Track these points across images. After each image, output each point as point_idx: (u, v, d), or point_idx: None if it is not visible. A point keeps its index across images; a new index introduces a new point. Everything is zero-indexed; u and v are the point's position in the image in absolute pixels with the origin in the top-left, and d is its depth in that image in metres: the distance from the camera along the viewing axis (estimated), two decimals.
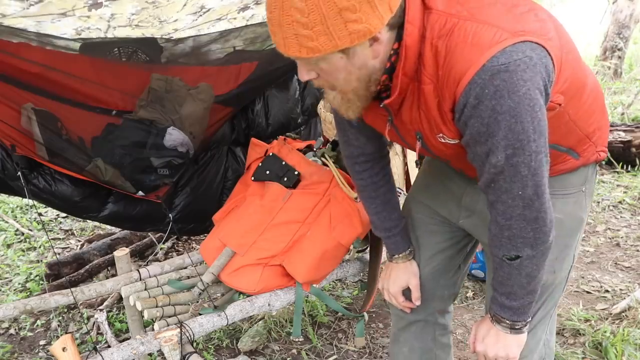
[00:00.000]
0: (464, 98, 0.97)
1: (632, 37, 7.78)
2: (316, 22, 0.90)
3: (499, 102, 0.94)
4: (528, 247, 1.09)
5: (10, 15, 1.35)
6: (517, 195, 1.04)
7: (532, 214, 1.05)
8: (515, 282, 1.14)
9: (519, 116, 0.95)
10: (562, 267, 1.29)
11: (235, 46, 2.12)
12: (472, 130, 1.01)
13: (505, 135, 0.97)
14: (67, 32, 1.61)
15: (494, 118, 0.96)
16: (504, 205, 1.07)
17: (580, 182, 1.26)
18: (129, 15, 1.55)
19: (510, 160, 1.00)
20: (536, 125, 0.97)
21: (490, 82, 0.93)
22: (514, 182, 1.02)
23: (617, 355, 2.17)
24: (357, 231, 1.82)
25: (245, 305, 1.74)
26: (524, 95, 0.94)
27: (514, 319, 1.19)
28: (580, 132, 1.18)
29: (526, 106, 0.95)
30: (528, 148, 0.98)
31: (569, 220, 1.25)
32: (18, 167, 1.90)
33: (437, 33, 0.99)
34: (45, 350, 2.42)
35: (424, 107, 1.08)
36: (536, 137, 0.98)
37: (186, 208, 2.38)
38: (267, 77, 2.45)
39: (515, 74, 0.93)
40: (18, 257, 3.22)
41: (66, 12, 1.42)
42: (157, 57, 2.04)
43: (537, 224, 1.06)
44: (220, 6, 1.71)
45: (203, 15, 1.73)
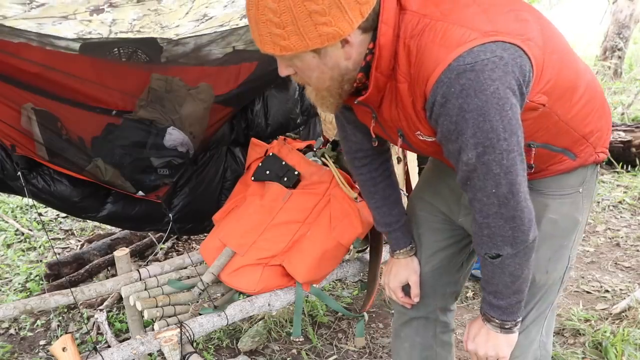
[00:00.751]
0: (432, 97, 0.99)
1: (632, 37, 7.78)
2: (287, 23, 0.94)
3: (465, 101, 0.96)
4: (508, 245, 1.09)
5: (11, 17, 1.35)
6: (492, 194, 1.04)
7: (509, 212, 1.05)
8: (500, 281, 1.15)
9: (486, 114, 0.96)
10: (556, 267, 1.29)
11: (234, 46, 2.13)
12: (443, 129, 1.03)
13: (474, 134, 0.99)
14: (68, 35, 1.61)
15: (461, 116, 0.98)
16: (480, 203, 1.08)
17: (577, 183, 1.25)
18: (130, 20, 1.56)
19: (482, 158, 1.01)
20: (506, 124, 0.98)
21: (456, 81, 0.95)
22: (487, 180, 1.03)
23: (617, 355, 2.17)
24: (357, 231, 1.82)
25: (245, 305, 1.74)
26: (492, 94, 0.95)
27: (503, 319, 1.20)
28: (575, 133, 1.17)
29: (494, 105, 0.95)
30: (499, 146, 0.99)
31: (563, 221, 1.25)
32: (18, 167, 1.90)
33: (410, 33, 1.01)
34: (45, 350, 2.42)
35: (400, 105, 1.10)
36: (507, 136, 0.99)
37: (185, 208, 2.38)
38: (266, 77, 2.45)
39: (482, 73, 0.94)
40: (18, 257, 3.22)
41: (67, 16, 1.42)
42: (157, 57, 2.05)
43: (515, 223, 1.06)
44: (222, 14, 1.71)
45: (205, 22, 1.73)
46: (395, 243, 1.51)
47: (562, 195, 1.24)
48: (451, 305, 1.63)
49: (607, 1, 7.93)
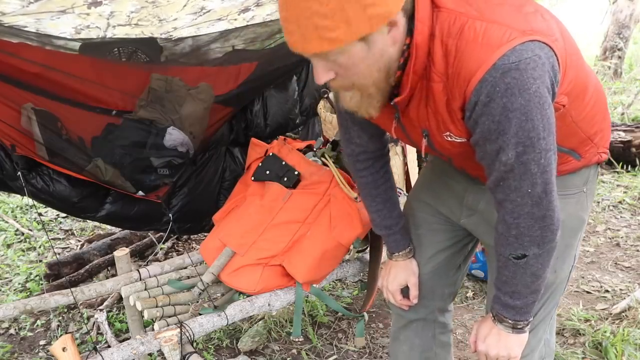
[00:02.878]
0: (475, 96, 0.98)
1: (632, 37, 7.78)
2: (335, 10, 0.90)
3: (510, 100, 0.95)
4: (535, 245, 1.09)
5: (9, 13, 1.35)
6: (527, 194, 1.04)
7: (541, 212, 1.05)
8: (520, 281, 1.14)
9: (529, 113, 0.96)
10: (563, 267, 1.30)
11: (234, 46, 2.13)
12: (483, 128, 1.01)
13: (516, 133, 0.98)
14: (66, 30, 1.61)
15: (505, 115, 0.97)
16: (513, 204, 1.07)
17: (581, 183, 1.26)
18: (128, 13, 1.55)
19: (521, 157, 1.01)
20: (545, 123, 0.99)
21: (501, 80, 0.95)
22: (523, 180, 1.03)
23: (617, 355, 2.17)
24: (357, 231, 1.82)
25: (245, 305, 1.74)
26: (534, 93, 0.95)
27: (517, 319, 1.19)
28: (582, 134, 1.18)
29: (536, 104, 0.96)
30: (538, 145, 0.99)
31: (570, 221, 1.25)
32: (17, 167, 1.90)
33: (447, 32, 1.00)
34: (45, 350, 2.42)
35: (432, 104, 1.08)
36: (545, 135, 0.99)
37: (184, 208, 2.38)
38: (266, 78, 2.45)
39: (525, 72, 0.94)
40: (18, 257, 3.22)
41: (65, 10, 1.42)
42: (157, 57, 2.05)
43: (545, 222, 1.07)
44: (220, 8, 1.71)
45: (203, 15, 1.73)
46: (394, 245, 1.51)
47: (567, 195, 1.24)
48: (449, 305, 1.63)
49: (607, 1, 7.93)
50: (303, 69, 2.71)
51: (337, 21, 0.91)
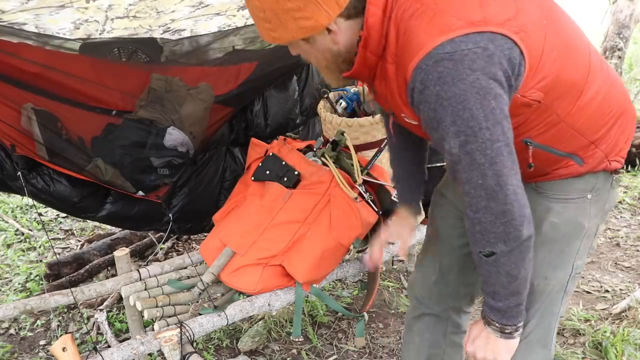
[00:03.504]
0: (412, 82, 1.01)
1: (632, 37, 7.77)
2: (271, 18, 1.03)
3: (443, 89, 0.96)
4: (501, 242, 1.06)
5: (9, 10, 1.35)
6: (479, 185, 1.02)
7: (499, 206, 1.02)
8: (497, 281, 1.12)
9: (465, 103, 0.96)
10: (555, 274, 1.25)
11: (234, 45, 2.13)
12: (424, 116, 1.03)
13: (453, 121, 0.98)
14: (65, 25, 1.61)
15: (439, 104, 0.98)
16: (469, 197, 1.06)
17: (585, 189, 1.22)
18: (126, 5, 1.56)
19: (465, 147, 1.00)
20: (488, 113, 0.96)
21: (434, 69, 0.96)
22: (472, 171, 1.02)
23: (617, 355, 2.17)
24: (357, 231, 1.82)
25: (245, 305, 1.74)
26: (472, 83, 0.94)
27: (503, 322, 1.16)
28: (582, 138, 1.15)
29: (474, 94, 0.95)
30: (481, 135, 0.98)
31: (565, 225, 1.23)
32: (17, 167, 1.90)
33: (401, 15, 1.02)
34: (45, 350, 2.42)
35: (388, 85, 1.13)
36: (489, 125, 0.97)
37: (184, 208, 2.38)
38: (266, 78, 2.45)
39: (460, 63, 0.94)
40: (18, 257, 3.22)
41: (64, 4, 1.42)
42: (157, 57, 2.05)
43: (505, 217, 1.03)
44: (219, 3, 1.71)
45: (201, 9, 1.73)
46: (399, 196, 1.56)
47: (567, 200, 1.22)
48: (465, 307, 1.62)
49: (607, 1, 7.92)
50: (303, 69, 2.71)
51: (275, 25, 1.05)
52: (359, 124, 1.96)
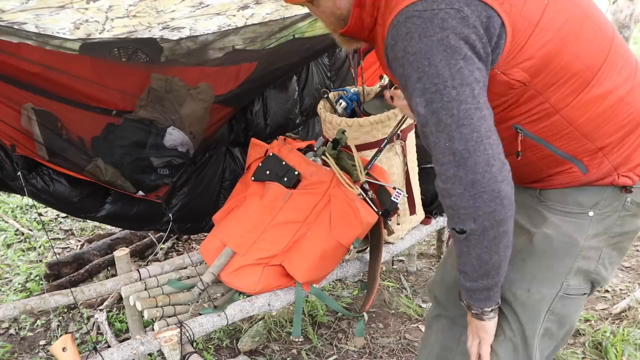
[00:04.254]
0: (386, 39, 1.03)
1: (632, 37, 7.78)
2: None
3: (409, 44, 0.96)
4: (470, 219, 0.99)
5: (9, 10, 1.35)
6: (446, 148, 0.97)
7: (468, 175, 0.96)
8: (467, 260, 1.07)
9: (431, 59, 0.94)
10: (539, 290, 1.17)
11: (234, 45, 2.13)
12: (396, 74, 1.03)
13: (419, 78, 0.97)
14: (65, 25, 1.61)
15: (406, 59, 0.97)
16: (438, 164, 1.01)
17: (587, 204, 1.13)
18: (126, 6, 1.56)
19: (430, 106, 0.97)
20: (455, 72, 0.94)
21: (403, 24, 0.97)
22: (439, 132, 0.97)
23: (617, 355, 2.17)
24: (357, 231, 1.82)
25: (245, 305, 1.74)
26: (439, 41, 0.94)
27: (470, 302, 1.15)
28: (586, 141, 1.08)
29: (441, 51, 0.94)
30: (447, 94, 0.95)
31: (558, 240, 1.16)
32: (17, 167, 1.90)
33: None
34: (45, 350, 2.42)
35: (378, 49, 1.17)
36: (456, 84, 0.94)
37: (183, 208, 2.38)
38: (266, 78, 2.45)
39: (429, 21, 0.94)
40: (18, 257, 3.22)
41: (64, 5, 1.42)
42: (157, 57, 2.05)
43: (475, 189, 0.96)
44: (219, 3, 1.71)
45: (201, 9, 1.73)
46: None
47: (565, 213, 1.15)
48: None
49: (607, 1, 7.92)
50: (303, 69, 2.71)
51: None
52: (359, 124, 1.96)
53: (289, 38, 2.28)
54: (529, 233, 1.20)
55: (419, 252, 3.16)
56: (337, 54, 2.86)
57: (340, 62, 2.88)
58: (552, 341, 1.25)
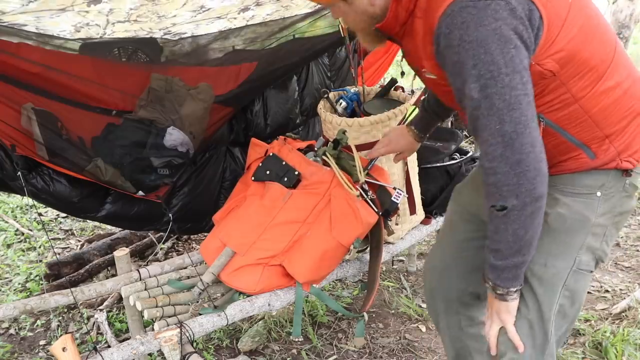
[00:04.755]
0: (439, 28, 1.07)
1: (632, 37, 7.77)
2: None
3: (466, 32, 1.03)
4: (513, 196, 1.08)
5: (9, 12, 1.35)
6: (496, 131, 1.05)
7: (514, 155, 1.05)
8: (502, 237, 1.14)
9: (487, 47, 1.01)
10: (555, 264, 1.26)
11: (235, 45, 2.13)
12: (448, 61, 1.09)
13: (474, 65, 1.03)
14: (66, 28, 1.61)
15: (462, 47, 1.04)
16: (486, 145, 1.08)
17: (594, 186, 1.23)
18: (127, 10, 1.56)
19: (484, 91, 1.04)
20: (508, 60, 1.02)
21: (459, 14, 1.03)
22: (490, 116, 1.05)
23: (617, 355, 2.17)
24: (357, 231, 1.82)
25: (245, 305, 1.74)
26: (494, 30, 1.01)
27: (497, 283, 1.21)
28: (597, 129, 1.18)
29: (495, 40, 1.01)
30: (500, 80, 1.02)
31: (571, 218, 1.24)
32: (17, 167, 1.90)
33: None
34: (45, 350, 2.42)
35: (414, 41, 1.20)
36: (509, 72, 1.02)
37: (184, 208, 2.38)
38: (266, 78, 2.45)
39: (483, 11, 1.01)
40: (18, 257, 3.22)
41: (65, 8, 1.42)
42: (157, 57, 2.05)
43: (520, 168, 1.06)
44: (220, 6, 1.71)
45: (202, 13, 1.73)
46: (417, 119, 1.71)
47: (575, 194, 1.24)
48: (472, 301, 1.64)
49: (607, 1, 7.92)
50: (303, 69, 2.71)
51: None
52: (359, 124, 1.96)
53: (289, 38, 2.28)
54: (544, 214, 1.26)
55: (419, 252, 3.16)
56: (337, 54, 2.86)
57: (340, 62, 2.88)
58: (565, 321, 1.32)
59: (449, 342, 1.70)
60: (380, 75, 3.42)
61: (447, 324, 1.67)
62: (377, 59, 3.19)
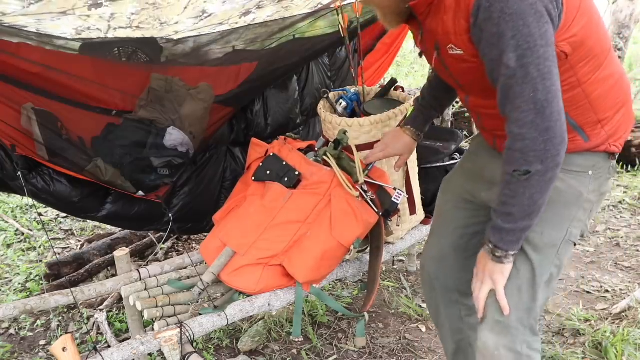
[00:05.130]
0: (478, 2, 1.12)
1: (632, 37, 7.77)
2: None
3: (507, 5, 1.08)
4: (538, 161, 1.14)
5: (10, 14, 1.35)
6: (529, 98, 1.11)
7: (544, 122, 1.11)
8: (519, 201, 1.20)
9: (526, 19, 1.08)
10: (550, 233, 1.33)
11: (235, 45, 2.13)
12: (486, 34, 1.13)
13: (513, 35, 1.09)
14: (67, 31, 1.61)
15: (503, 19, 1.09)
16: (518, 112, 1.14)
17: (586, 165, 1.32)
18: (128, 15, 1.55)
19: (521, 61, 1.10)
20: (543, 33, 1.09)
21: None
22: (525, 84, 1.11)
23: (617, 355, 2.17)
24: (357, 231, 1.82)
25: (245, 305, 1.74)
26: (531, 5, 1.08)
27: (499, 245, 1.26)
28: (592, 114, 1.27)
29: (532, 14, 1.08)
30: (536, 51, 1.09)
31: (566, 192, 1.32)
32: (17, 167, 1.90)
33: None
34: (45, 350, 2.42)
35: (442, 17, 1.23)
36: (543, 44, 1.10)
37: (184, 208, 2.38)
38: (266, 78, 2.45)
39: None
40: (18, 257, 3.22)
41: (66, 11, 1.42)
42: (157, 57, 2.05)
43: (549, 135, 1.12)
44: (221, 11, 1.71)
45: (204, 19, 1.73)
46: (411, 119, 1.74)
47: (569, 171, 1.31)
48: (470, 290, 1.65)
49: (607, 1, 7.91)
50: (303, 69, 2.71)
51: None
52: (359, 124, 1.96)
53: (289, 38, 2.28)
54: None
55: (419, 252, 3.16)
56: (337, 54, 2.86)
57: (340, 62, 2.88)
58: (549, 291, 1.40)
59: (449, 335, 1.73)
60: (380, 75, 3.42)
61: (447, 315, 1.70)
62: (377, 59, 3.19)
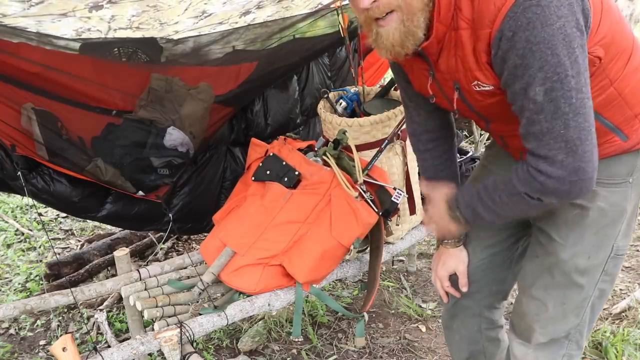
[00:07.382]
0: (500, 33, 1.00)
1: None
2: None
3: (532, 33, 0.97)
4: (556, 198, 1.08)
5: (10, 15, 1.35)
6: (560, 136, 1.01)
7: (575, 162, 1.02)
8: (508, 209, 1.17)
9: (554, 48, 0.97)
10: (597, 255, 1.28)
11: (235, 45, 2.12)
12: (510, 65, 1.02)
13: (541, 67, 0.98)
14: (67, 32, 1.61)
15: (528, 49, 0.98)
16: (545, 149, 1.04)
17: (627, 172, 1.23)
18: (129, 17, 1.55)
19: (550, 94, 1.00)
20: (573, 61, 0.98)
21: (522, 15, 0.97)
22: (555, 120, 1.00)
23: (617, 355, 2.17)
24: (357, 231, 1.82)
25: (245, 305, 1.74)
26: (559, 29, 0.96)
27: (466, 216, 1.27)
28: (627, 109, 1.17)
29: (561, 40, 0.97)
30: (567, 83, 0.98)
31: (612, 210, 1.25)
32: (17, 167, 1.90)
33: None
34: (45, 350, 2.42)
35: (460, 53, 1.11)
36: (574, 74, 0.98)
37: (184, 208, 2.38)
38: (266, 78, 2.45)
39: (547, 8, 0.96)
40: (18, 257, 3.22)
41: (66, 13, 1.42)
42: (157, 57, 2.05)
43: (578, 176, 1.03)
44: (221, 11, 1.71)
45: (204, 19, 1.73)
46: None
47: (612, 185, 1.23)
48: (497, 303, 1.62)
49: None
50: (303, 69, 2.71)
51: None
52: (359, 124, 1.96)
53: (289, 38, 2.28)
54: (582, 208, 1.26)
55: (419, 252, 3.16)
56: (338, 54, 2.86)
57: (340, 62, 2.88)
58: (603, 299, 1.37)
59: (464, 342, 1.65)
60: (381, 75, 3.42)
61: (462, 323, 1.62)
62: (377, 59, 3.19)
